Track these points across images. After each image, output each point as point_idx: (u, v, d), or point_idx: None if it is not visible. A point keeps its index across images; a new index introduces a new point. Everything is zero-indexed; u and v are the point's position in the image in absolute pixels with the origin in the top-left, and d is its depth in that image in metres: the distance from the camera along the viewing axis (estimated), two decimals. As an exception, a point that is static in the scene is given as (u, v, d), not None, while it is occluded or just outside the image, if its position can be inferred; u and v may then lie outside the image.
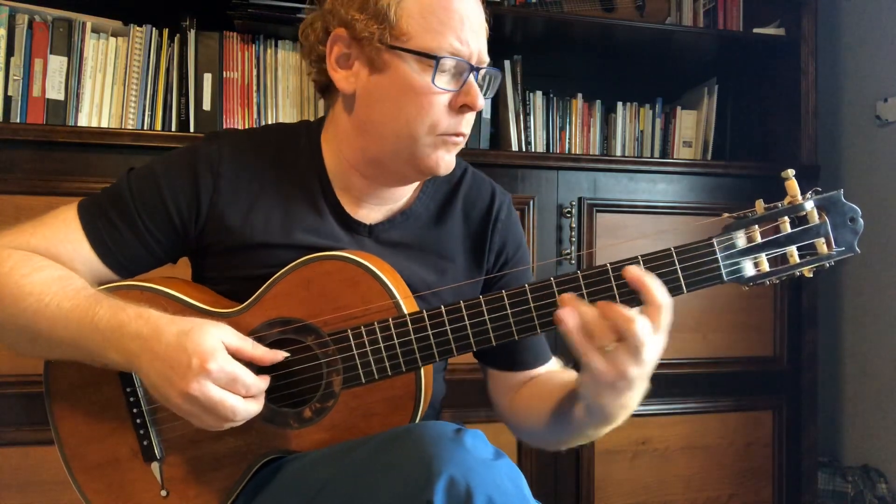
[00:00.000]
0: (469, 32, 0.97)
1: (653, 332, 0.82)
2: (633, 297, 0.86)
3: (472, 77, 0.98)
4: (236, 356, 0.89)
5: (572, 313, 0.82)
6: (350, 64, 1.00)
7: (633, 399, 0.87)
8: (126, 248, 1.02)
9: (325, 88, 1.07)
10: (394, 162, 1.02)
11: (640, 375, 0.84)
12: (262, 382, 0.90)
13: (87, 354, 0.93)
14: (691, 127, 2.36)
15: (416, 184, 1.11)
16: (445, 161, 1.02)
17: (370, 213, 1.08)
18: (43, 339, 0.94)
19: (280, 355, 0.94)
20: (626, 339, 0.81)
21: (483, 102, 0.99)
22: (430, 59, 0.95)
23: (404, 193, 1.10)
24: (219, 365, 0.85)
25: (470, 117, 1.02)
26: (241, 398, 0.88)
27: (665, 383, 2.06)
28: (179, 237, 1.04)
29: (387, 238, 1.08)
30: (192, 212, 1.02)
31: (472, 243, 1.13)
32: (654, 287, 0.83)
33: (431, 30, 0.95)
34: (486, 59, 1.01)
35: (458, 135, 1.01)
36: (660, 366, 2.23)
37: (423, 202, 1.11)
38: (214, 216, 1.03)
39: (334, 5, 1.00)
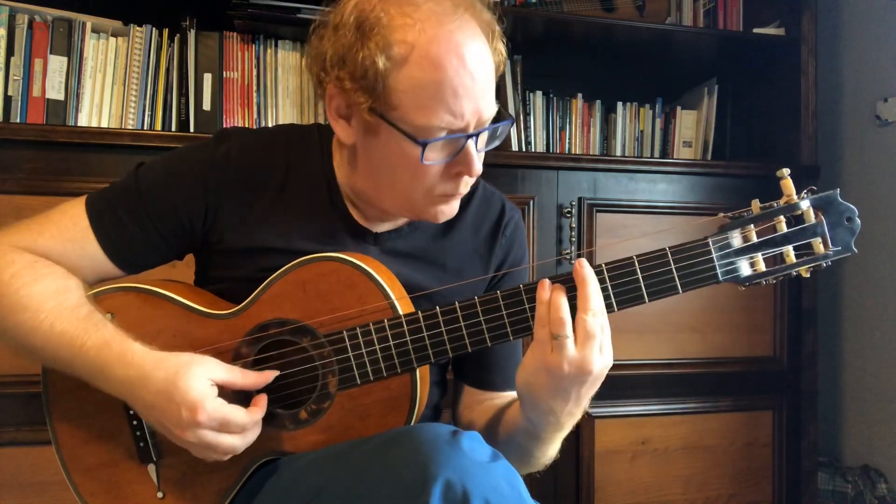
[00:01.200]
0: (465, 102, 0.89)
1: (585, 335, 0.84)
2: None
3: (469, 143, 0.92)
4: (226, 388, 0.91)
5: (549, 288, 0.87)
6: (348, 116, 0.97)
7: (562, 400, 0.88)
8: (133, 244, 1.02)
9: None
10: (392, 209, 1.02)
11: (571, 375, 0.84)
12: (255, 415, 0.92)
13: (82, 378, 0.95)
14: (691, 127, 2.35)
15: None
16: (445, 213, 1.01)
17: (377, 223, 1.07)
18: (38, 354, 0.96)
19: (269, 376, 0.95)
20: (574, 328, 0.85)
21: (480, 168, 0.94)
22: (417, 143, 0.90)
23: None
24: (208, 414, 0.87)
25: (469, 178, 0.97)
26: (238, 435, 0.90)
27: (665, 383, 2.06)
28: (186, 235, 1.04)
29: (392, 247, 1.07)
30: (200, 210, 1.02)
31: (479, 258, 1.12)
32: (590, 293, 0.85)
33: (422, 106, 0.89)
34: (490, 115, 0.94)
35: (456, 195, 0.99)
36: (660, 366, 2.23)
37: None
38: (221, 216, 1.03)
39: (326, 61, 0.93)
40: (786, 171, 0.87)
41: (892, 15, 2.23)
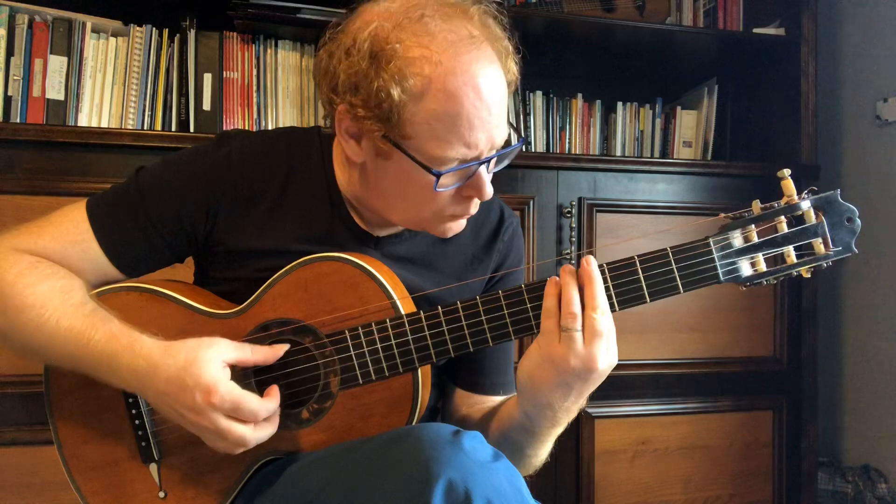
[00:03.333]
0: (480, 133, 0.90)
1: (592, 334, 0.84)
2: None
3: (481, 169, 0.93)
4: (237, 367, 0.91)
5: (558, 283, 0.86)
6: (358, 137, 0.95)
7: (562, 394, 0.88)
8: (134, 247, 1.02)
9: None
10: (401, 223, 1.03)
11: (576, 369, 0.84)
12: (268, 403, 0.91)
13: (88, 373, 0.95)
14: (691, 127, 2.36)
15: None
16: (453, 230, 1.01)
17: (378, 228, 1.07)
18: (43, 352, 0.96)
19: (280, 350, 0.95)
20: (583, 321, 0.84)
21: (490, 192, 0.95)
22: (431, 173, 0.90)
23: None
24: (221, 396, 0.87)
25: (479, 201, 0.98)
26: (250, 426, 0.90)
27: (665, 383, 2.06)
28: (188, 237, 1.04)
29: (393, 251, 1.07)
30: (202, 214, 1.02)
31: (478, 262, 1.13)
32: (598, 292, 0.85)
33: (437, 138, 0.89)
34: (502, 140, 0.94)
35: (466, 215, 0.99)
36: (660, 366, 2.22)
37: None
38: (222, 218, 1.03)
39: (338, 85, 0.92)
40: (787, 172, 0.88)
41: (892, 15, 2.23)
